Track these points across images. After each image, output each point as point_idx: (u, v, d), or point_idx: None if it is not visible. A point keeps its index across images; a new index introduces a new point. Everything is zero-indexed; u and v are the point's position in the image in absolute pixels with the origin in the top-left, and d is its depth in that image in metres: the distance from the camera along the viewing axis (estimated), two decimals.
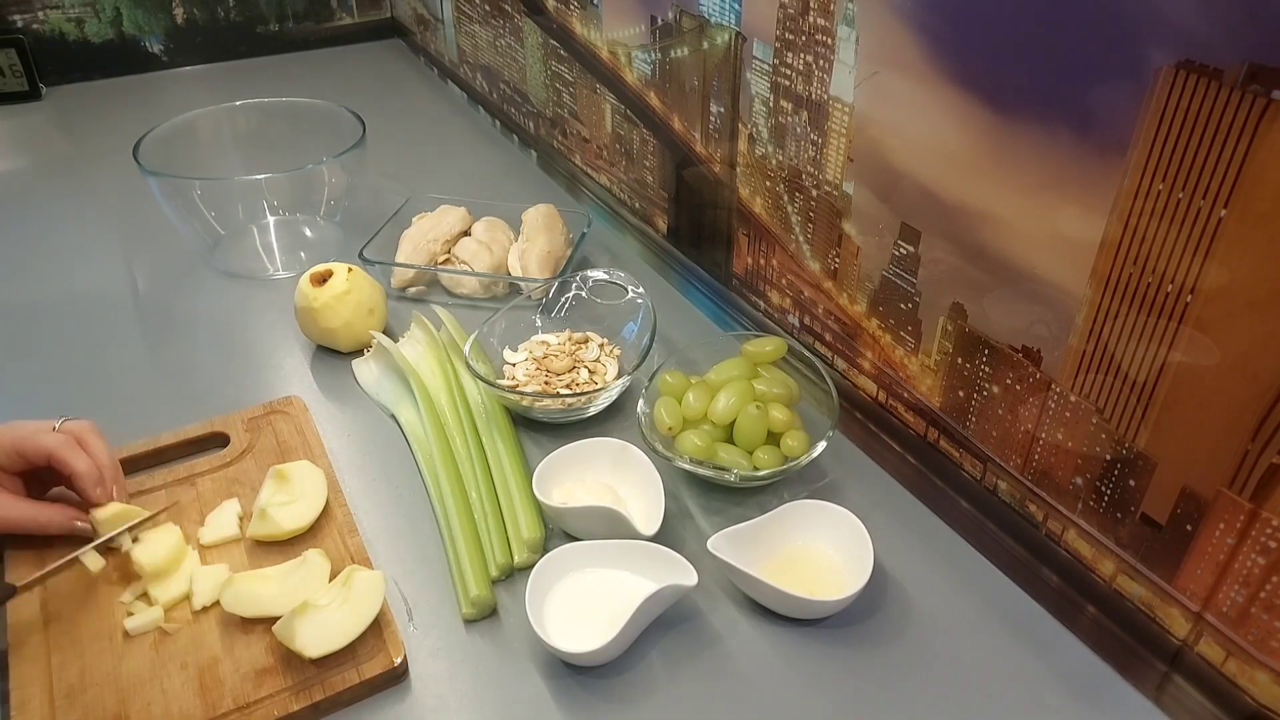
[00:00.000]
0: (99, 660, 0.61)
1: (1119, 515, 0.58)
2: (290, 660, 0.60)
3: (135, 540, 0.66)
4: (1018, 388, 0.63)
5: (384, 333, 0.91)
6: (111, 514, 0.66)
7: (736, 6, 0.78)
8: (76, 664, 0.60)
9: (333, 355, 0.92)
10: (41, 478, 0.69)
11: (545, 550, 0.67)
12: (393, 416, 0.83)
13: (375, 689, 0.60)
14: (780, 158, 0.79)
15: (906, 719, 0.59)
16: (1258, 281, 0.46)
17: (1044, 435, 0.62)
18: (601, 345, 0.88)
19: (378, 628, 0.62)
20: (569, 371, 0.84)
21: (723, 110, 0.85)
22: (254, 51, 1.72)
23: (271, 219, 1.12)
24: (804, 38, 0.71)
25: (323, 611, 0.60)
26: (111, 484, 0.67)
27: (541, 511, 0.70)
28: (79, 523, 0.66)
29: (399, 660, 0.60)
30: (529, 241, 1.00)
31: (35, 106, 1.52)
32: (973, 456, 0.69)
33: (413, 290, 1.01)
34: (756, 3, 0.75)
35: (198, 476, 0.75)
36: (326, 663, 0.60)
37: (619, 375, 0.84)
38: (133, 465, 0.74)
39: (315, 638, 0.59)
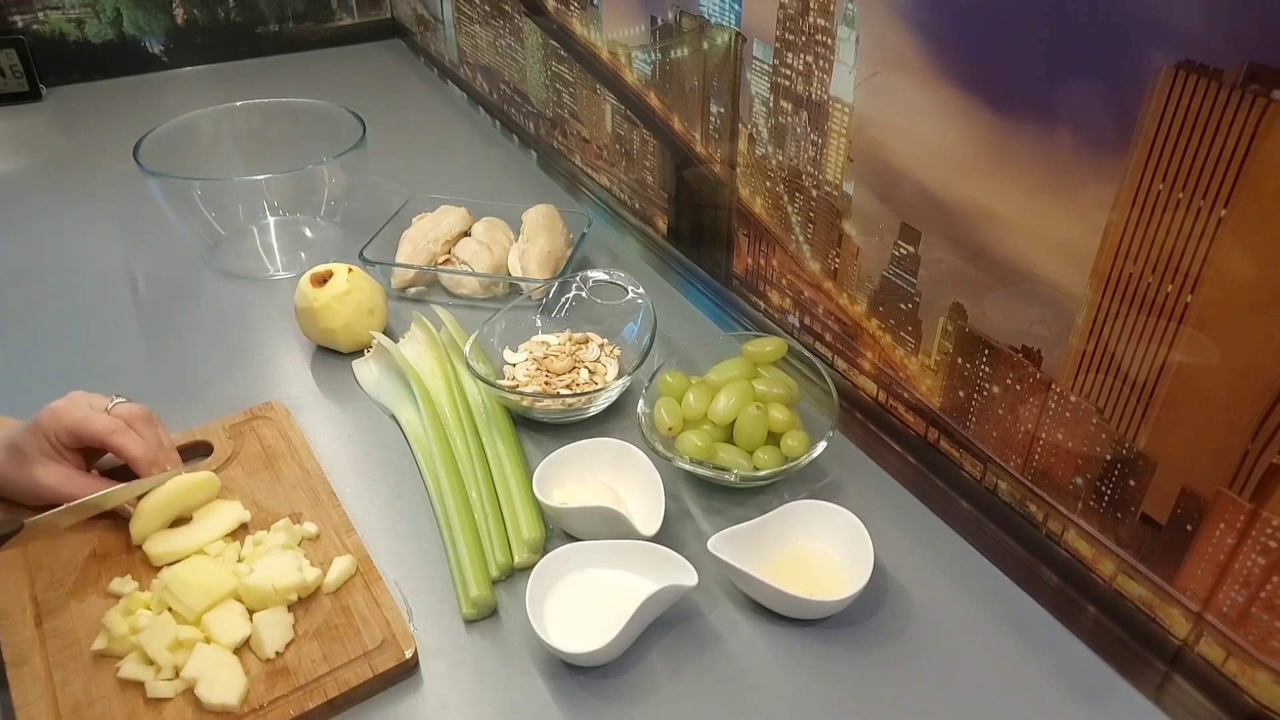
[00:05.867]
0: (102, 674, 0.59)
1: (1119, 515, 0.58)
2: (301, 659, 0.60)
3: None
4: (1018, 388, 0.63)
5: (384, 333, 0.91)
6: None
7: (736, 6, 0.78)
8: (80, 678, 0.59)
9: (333, 356, 0.92)
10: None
11: (545, 550, 0.67)
12: (393, 417, 0.83)
13: (389, 683, 0.60)
14: (780, 158, 0.79)
15: (906, 719, 0.59)
16: (1258, 281, 0.46)
17: (1044, 435, 0.62)
18: (601, 345, 0.88)
19: (386, 623, 0.62)
20: (569, 372, 0.84)
21: (723, 110, 0.85)
22: (254, 52, 1.72)
23: (272, 219, 1.12)
24: (804, 38, 0.71)
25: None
26: (166, 467, 0.70)
27: (541, 511, 0.70)
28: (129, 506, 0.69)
29: (410, 653, 0.60)
30: (529, 242, 1.00)
31: (35, 107, 1.52)
32: (973, 456, 0.69)
33: (413, 290, 1.01)
34: (756, 3, 0.75)
35: None
36: (338, 660, 0.60)
37: (619, 375, 0.84)
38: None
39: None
